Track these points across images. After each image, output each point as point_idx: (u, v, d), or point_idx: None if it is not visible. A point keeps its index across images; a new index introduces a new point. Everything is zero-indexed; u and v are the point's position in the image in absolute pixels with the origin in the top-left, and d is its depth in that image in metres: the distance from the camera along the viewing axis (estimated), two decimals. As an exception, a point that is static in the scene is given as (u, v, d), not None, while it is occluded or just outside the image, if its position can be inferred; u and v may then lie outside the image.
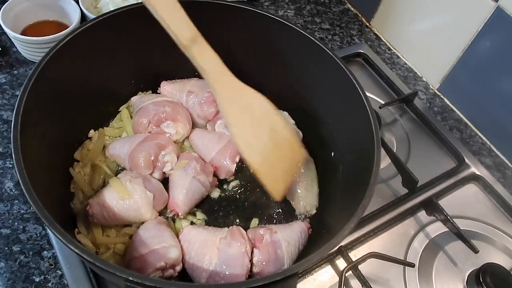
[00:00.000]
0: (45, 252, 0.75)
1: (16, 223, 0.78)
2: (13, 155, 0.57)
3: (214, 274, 0.67)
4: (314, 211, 0.82)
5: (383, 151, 0.85)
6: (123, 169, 0.83)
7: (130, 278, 0.48)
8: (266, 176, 0.69)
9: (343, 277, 0.75)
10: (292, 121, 0.90)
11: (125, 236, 0.74)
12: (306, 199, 0.82)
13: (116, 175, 0.80)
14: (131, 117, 0.89)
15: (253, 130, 0.67)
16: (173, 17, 0.57)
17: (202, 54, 0.62)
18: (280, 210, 0.84)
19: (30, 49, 0.96)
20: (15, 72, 0.99)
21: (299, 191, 0.82)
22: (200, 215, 0.81)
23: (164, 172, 0.81)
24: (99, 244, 0.73)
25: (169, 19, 0.57)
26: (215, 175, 0.84)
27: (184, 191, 0.77)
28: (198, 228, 0.74)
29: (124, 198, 0.72)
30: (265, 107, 0.71)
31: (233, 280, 0.66)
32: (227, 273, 0.67)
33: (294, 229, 0.75)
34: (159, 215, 0.77)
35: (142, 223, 0.75)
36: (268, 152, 0.68)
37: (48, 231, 0.77)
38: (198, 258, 0.69)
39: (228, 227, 0.74)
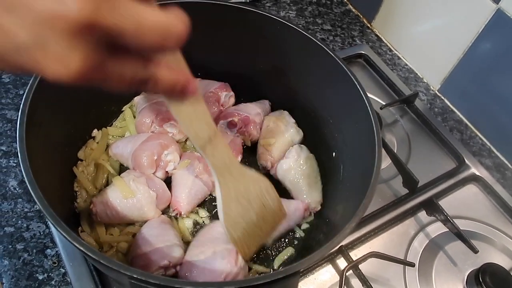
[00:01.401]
0: (48, 250, 0.76)
1: (19, 221, 0.78)
2: (19, 154, 0.57)
3: (192, 264, 0.68)
4: (319, 207, 0.83)
5: (383, 152, 0.86)
6: (127, 168, 0.83)
7: (135, 276, 0.49)
8: (240, 246, 0.69)
9: (344, 276, 0.75)
10: (293, 120, 0.91)
11: (128, 234, 0.75)
12: (311, 196, 0.82)
13: (119, 174, 0.80)
14: (134, 116, 0.90)
15: (242, 212, 0.68)
16: (196, 123, 0.55)
17: (215, 150, 0.60)
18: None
19: (34, 49, 0.96)
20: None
21: (303, 189, 0.82)
22: (203, 213, 0.81)
23: (167, 172, 0.81)
24: (103, 242, 0.73)
25: (191, 127, 0.55)
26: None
27: (187, 190, 0.78)
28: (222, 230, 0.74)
29: (128, 197, 0.73)
30: (264, 187, 0.71)
31: (200, 279, 0.67)
32: (200, 272, 0.67)
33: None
34: (162, 214, 0.78)
35: (145, 221, 0.75)
36: (251, 227, 0.69)
37: (52, 229, 0.78)
38: (196, 245, 0.71)
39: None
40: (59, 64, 0.34)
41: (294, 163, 0.84)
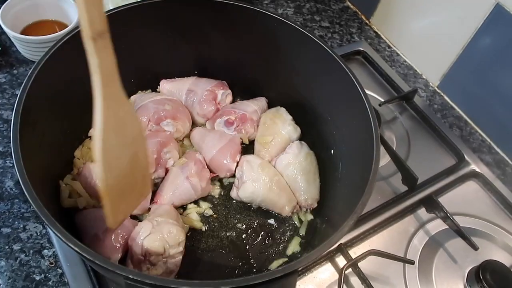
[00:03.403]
0: (45, 250, 0.76)
1: (16, 222, 0.78)
2: (13, 155, 0.57)
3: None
4: (315, 205, 0.83)
5: (382, 149, 0.85)
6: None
7: (130, 276, 0.48)
8: (110, 202, 0.62)
9: (343, 274, 0.75)
10: (290, 117, 0.90)
11: None
12: (308, 192, 0.82)
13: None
14: (131, 115, 0.89)
15: (118, 151, 0.60)
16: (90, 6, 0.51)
17: (102, 52, 0.55)
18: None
19: (30, 48, 0.96)
20: (15, 71, 0.99)
21: (301, 184, 0.82)
22: (204, 205, 0.83)
23: (167, 168, 0.81)
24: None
25: (85, 7, 0.51)
26: (214, 174, 0.84)
27: (172, 190, 0.78)
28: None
29: None
30: (138, 129, 0.64)
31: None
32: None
33: None
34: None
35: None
36: (122, 179, 0.62)
37: (48, 229, 0.77)
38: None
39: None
40: None
41: (293, 158, 0.83)
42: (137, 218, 0.78)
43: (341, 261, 0.80)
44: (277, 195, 0.80)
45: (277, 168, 0.84)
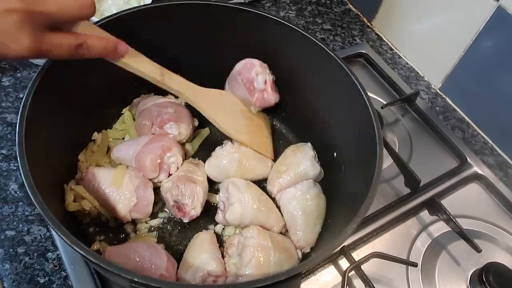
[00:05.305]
0: (49, 253, 0.76)
1: (20, 225, 0.78)
2: (18, 159, 0.57)
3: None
4: (308, 250, 0.77)
5: (385, 151, 0.85)
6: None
7: (135, 279, 0.48)
8: (256, 145, 0.85)
9: (346, 277, 0.75)
10: (312, 153, 0.85)
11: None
12: (303, 233, 0.77)
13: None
14: (134, 119, 0.89)
15: (230, 117, 0.84)
16: (143, 65, 0.71)
17: (172, 80, 0.75)
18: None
19: (33, 52, 0.96)
20: (19, 75, 1.00)
21: (298, 223, 0.77)
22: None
23: (169, 173, 0.81)
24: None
25: (142, 68, 0.70)
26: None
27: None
28: None
29: (114, 184, 0.75)
30: (229, 98, 0.87)
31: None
32: None
33: None
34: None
35: (115, 219, 0.77)
36: (248, 127, 0.85)
37: (53, 232, 0.78)
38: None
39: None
40: (16, 44, 0.52)
41: (300, 195, 0.79)
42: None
43: (344, 263, 0.80)
44: (265, 214, 0.77)
45: (280, 200, 0.81)
